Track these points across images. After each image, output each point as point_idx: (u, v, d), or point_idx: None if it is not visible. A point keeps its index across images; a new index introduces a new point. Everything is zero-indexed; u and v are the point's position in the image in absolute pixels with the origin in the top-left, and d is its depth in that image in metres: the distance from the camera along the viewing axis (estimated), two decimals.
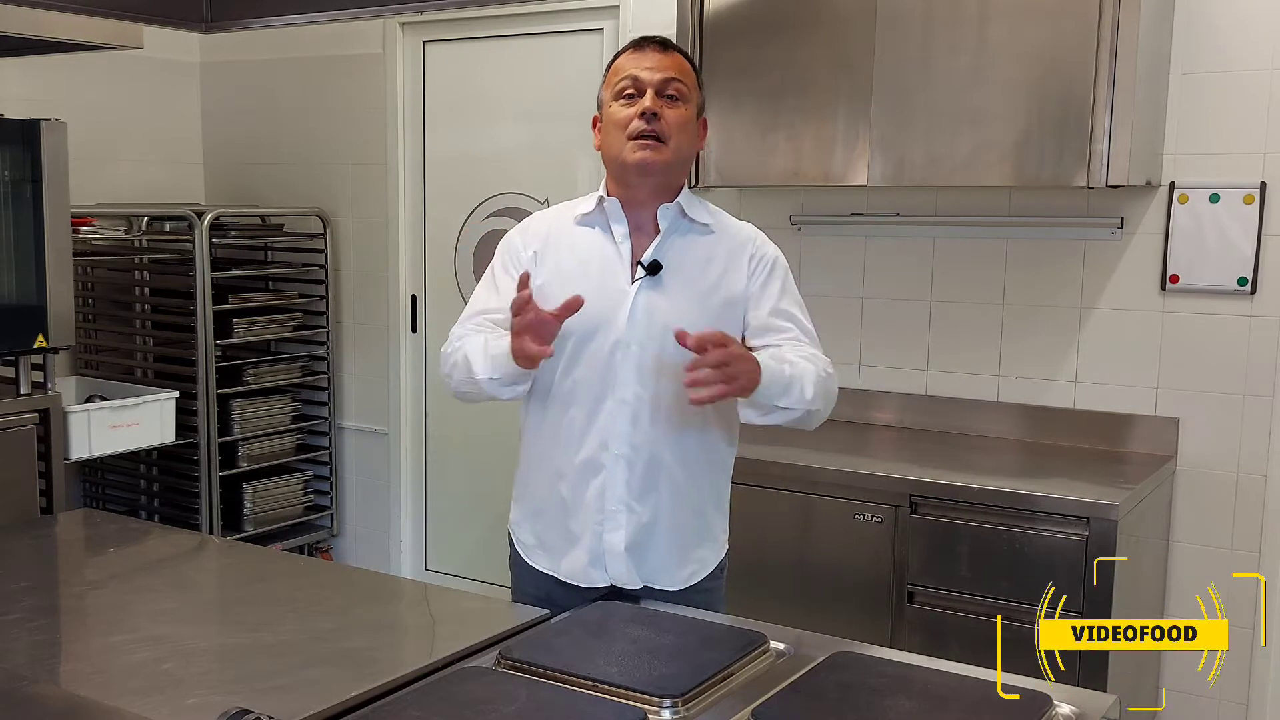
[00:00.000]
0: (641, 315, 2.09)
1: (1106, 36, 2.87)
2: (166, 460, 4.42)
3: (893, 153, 3.16)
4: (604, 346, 2.09)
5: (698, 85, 2.16)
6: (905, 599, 2.97)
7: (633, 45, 2.15)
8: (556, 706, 1.56)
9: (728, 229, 2.20)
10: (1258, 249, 3.11)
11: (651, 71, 2.09)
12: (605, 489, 2.11)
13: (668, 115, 2.08)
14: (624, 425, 2.10)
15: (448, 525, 4.68)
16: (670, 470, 2.13)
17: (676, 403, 2.10)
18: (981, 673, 1.70)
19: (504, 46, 4.34)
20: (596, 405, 2.11)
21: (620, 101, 2.11)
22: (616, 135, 2.10)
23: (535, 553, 2.22)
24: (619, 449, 2.11)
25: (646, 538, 2.13)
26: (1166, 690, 3.31)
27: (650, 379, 2.10)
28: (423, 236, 4.59)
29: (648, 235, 2.15)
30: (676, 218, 2.15)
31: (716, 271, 2.14)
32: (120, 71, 4.55)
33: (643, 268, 2.11)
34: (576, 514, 2.14)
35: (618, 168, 2.13)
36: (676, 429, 2.12)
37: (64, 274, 3.64)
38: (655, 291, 2.10)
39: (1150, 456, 3.22)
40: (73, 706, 1.58)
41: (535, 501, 2.23)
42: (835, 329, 3.68)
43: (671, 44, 2.16)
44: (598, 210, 2.17)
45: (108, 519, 2.88)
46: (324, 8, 2.27)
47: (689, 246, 2.14)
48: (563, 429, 2.14)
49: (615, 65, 2.15)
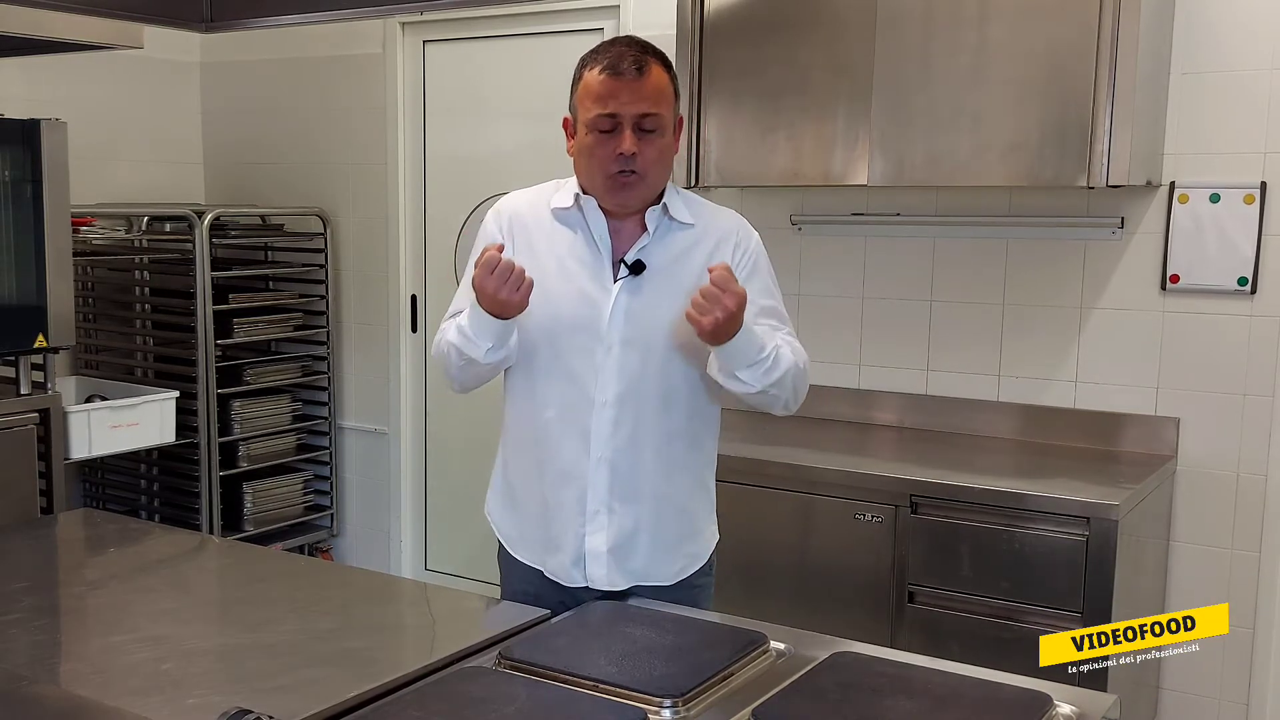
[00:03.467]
0: (623, 315, 2.07)
1: (1106, 37, 2.86)
2: (166, 460, 4.42)
3: (893, 153, 3.16)
4: (585, 347, 2.07)
5: (675, 93, 2.09)
6: (905, 599, 2.97)
7: (608, 65, 2.03)
8: (556, 706, 1.56)
9: (708, 224, 2.16)
10: (1258, 249, 3.11)
11: (629, 105, 2.01)
12: (587, 491, 2.09)
13: (644, 151, 2.03)
14: (605, 427, 2.08)
15: (448, 525, 4.68)
16: (652, 472, 2.11)
17: (660, 403, 2.09)
18: (982, 673, 1.70)
19: (504, 46, 4.34)
20: (577, 406, 2.09)
21: (596, 135, 2.04)
22: (593, 169, 2.07)
23: (519, 546, 2.21)
24: (601, 452, 2.08)
25: (630, 539, 2.11)
26: (1167, 691, 3.31)
27: (633, 379, 2.08)
28: (423, 236, 4.60)
29: (627, 235, 2.12)
30: (662, 218, 2.11)
31: (698, 268, 2.08)
32: (120, 71, 4.55)
33: (626, 267, 2.08)
34: (558, 515, 2.12)
35: (593, 193, 2.11)
36: (659, 430, 2.11)
37: (64, 274, 3.64)
38: (636, 291, 2.08)
39: (1150, 456, 3.22)
40: (73, 706, 1.58)
41: (514, 494, 2.21)
42: (835, 329, 3.69)
43: (647, 55, 2.05)
44: (575, 208, 2.13)
45: (108, 519, 2.88)
46: (324, 8, 2.27)
47: (670, 245, 2.12)
48: (543, 430, 2.12)
49: (587, 82, 2.05)
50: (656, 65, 2.06)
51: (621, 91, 2.01)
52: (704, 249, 2.13)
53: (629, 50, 2.05)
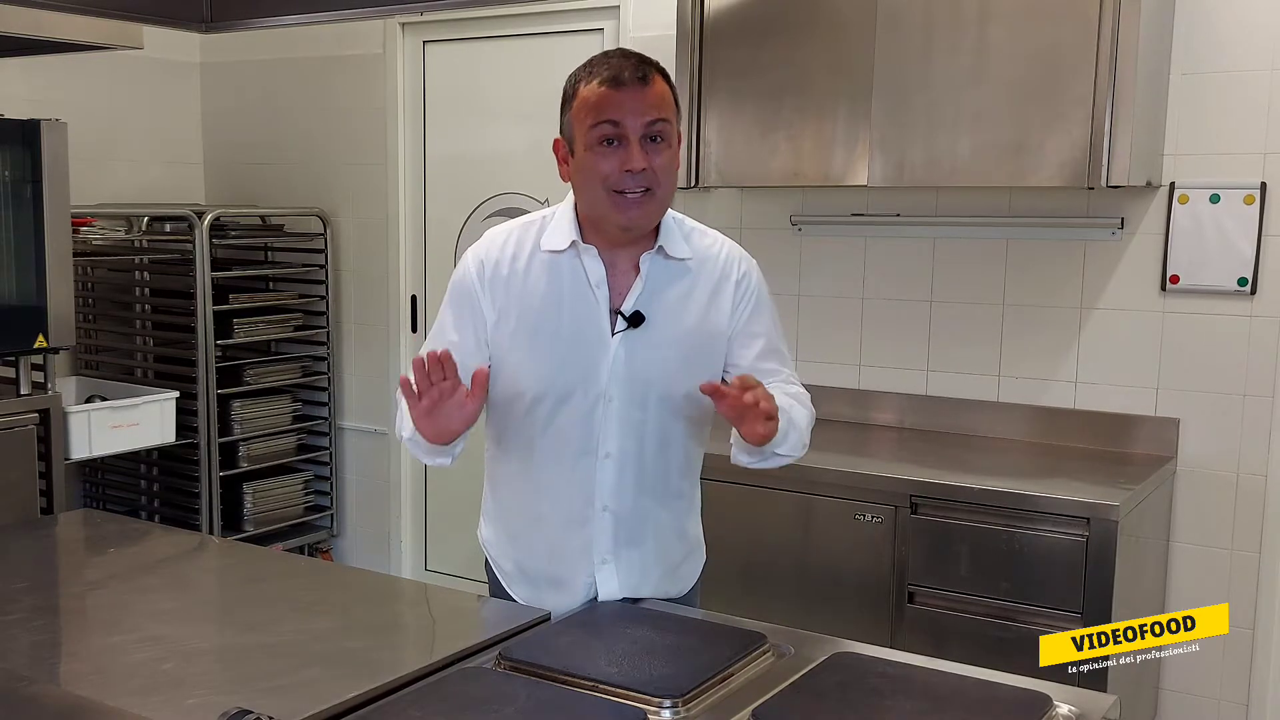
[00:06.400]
0: (623, 367, 1.97)
1: (1106, 37, 2.87)
2: (166, 460, 4.42)
3: (893, 153, 3.16)
4: (585, 401, 1.97)
5: (676, 106, 1.94)
6: (905, 599, 2.97)
7: (607, 77, 1.87)
8: (556, 707, 1.56)
9: (704, 259, 2.03)
10: (1258, 249, 3.11)
11: (635, 115, 1.86)
12: (593, 541, 2.03)
13: (655, 163, 1.88)
14: (609, 479, 2.00)
15: (448, 525, 4.67)
16: (655, 512, 2.07)
17: (659, 447, 2.03)
18: (982, 673, 1.70)
19: (504, 46, 4.34)
20: (579, 460, 2.00)
21: (598, 149, 1.87)
22: (596, 188, 1.89)
23: (516, 584, 2.12)
24: (604, 502, 2.01)
25: (639, 579, 2.07)
26: (1167, 691, 3.31)
27: (634, 431, 2.00)
28: (423, 236, 4.60)
29: (623, 272, 1.98)
30: (657, 259, 1.99)
31: (698, 310, 2.01)
32: (120, 71, 4.55)
33: (623, 319, 1.96)
34: (564, 563, 2.05)
35: (594, 217, 1.95)
36: (659, 471, 2.05)
37: (64, 274, 3.64)
38: (635, 342, 1.97)
39: (1150, 457, 3.22)
40: (73, 706, 1.58)
41: (513, 530, 2.13)
42: (835, 329, 3.69)
43: (647, 66, 1.90)
44: (571, 252, 1.98)
45: (108, 519, 2.88)
46: (324, 8, 2.26)
47: (668, 287, 1.99)
48: (544, 483, 2.04)
49: (585, 97, 1.88)
50: (658, 75, 1.92)
51: (625, 100, 1.86)
52: (704, 290, 2.02)
53: (627, 60, 1.91)
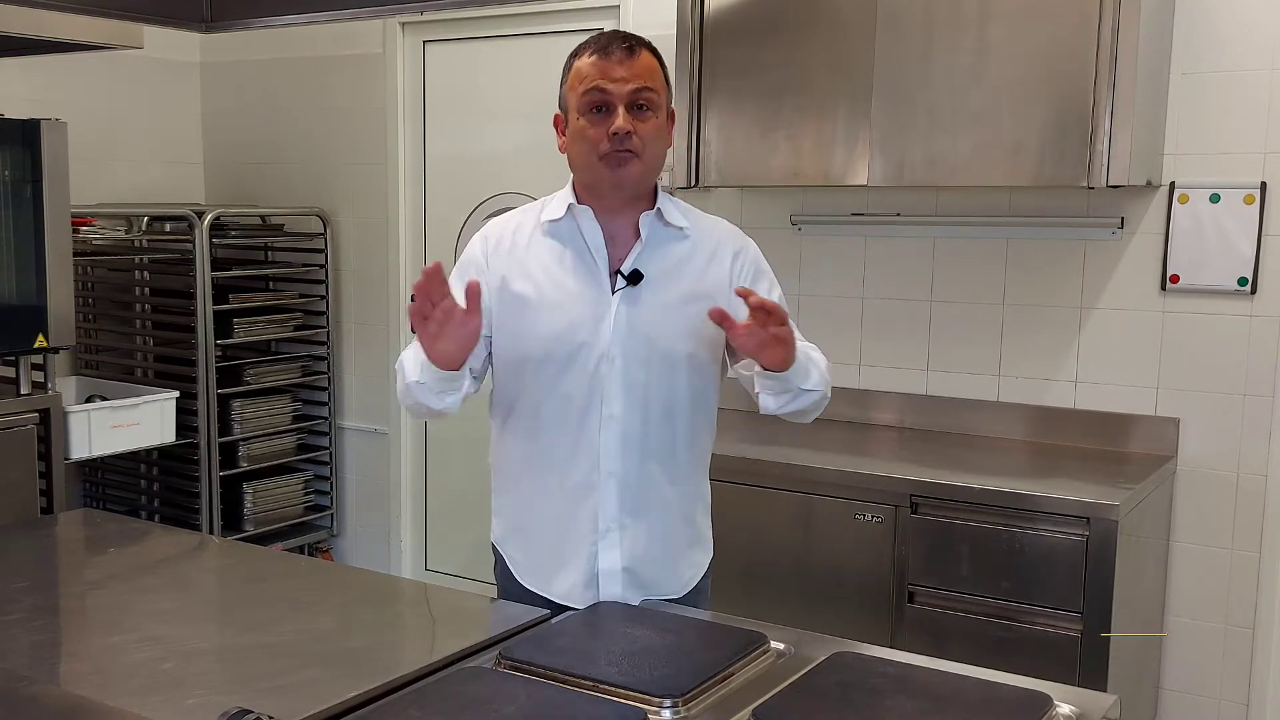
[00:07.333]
0: (624, 326, 2.03)
1: (1106, 37, 2.87)
2: (166, 460, 4.42)
3: (893, 153, 3.16)
4: (588, 361, 2.03)
5: (666, 80, 2.07)
6: (905, 599, 2.97)
7: (596, 49, 2.02)
8: (556, 707, 1.55)
9: (702, 231, 2.13)
10: (1258, 249, 3.11)
11: (620, 83, 1.98)
12: (598, 509, 2.06)
13: (640, 129, 1.99)
14: (614, 442, 2.04)
15: (448, 525, 4.68)
16: (661, 483, 2.09)
17: (663, 414, 2.06)
18: (982, 673, 1.70)
19: (504, 46, 4.34)
20: (583, 423, 2.05)
21: (589, 116, 2.00)
22: (587, 152, 2.02)
23: (525, 571, 2.15)
24: (610, 467, 2.05)
25: (642, 553, 2.09)
26: (1167, 691, 3.31)
27: (638, 391, 2.04)
28: (423, 236, 4.59)
29: (622, 242, 2.07)
30: (656, 224, 2.08)
31: (695, 274, 2.07)
32: (120, 71, 4.55)
33: (623, 277, 2.04)
34: (568, 535, 2.09)
35: (589, 181, 2.06)
36: (664, 441, 2.08)
37: (64, 274, 3.64)
38: (635, 301, 2.04)
39: (1150, 456, 3.22)
40: (73, 706, 1.58)
41: (519, 518, 2.17)
42: (835, 329, 3.69)
43: (636, 41, 2.04)
44: (568, 218, 2.08)
45: (108, 519, 2.88)
46: (324, 8, 2.27)
47: (666, 252, 2.08)
48: (549, 450, 2.08)
49: (578, 68, 2.03)
50: (646, 49, 2.04)
51: (612, 70, 1.99)
52: (701, 256, 2.10)
53: (616, 35, 2.05)
